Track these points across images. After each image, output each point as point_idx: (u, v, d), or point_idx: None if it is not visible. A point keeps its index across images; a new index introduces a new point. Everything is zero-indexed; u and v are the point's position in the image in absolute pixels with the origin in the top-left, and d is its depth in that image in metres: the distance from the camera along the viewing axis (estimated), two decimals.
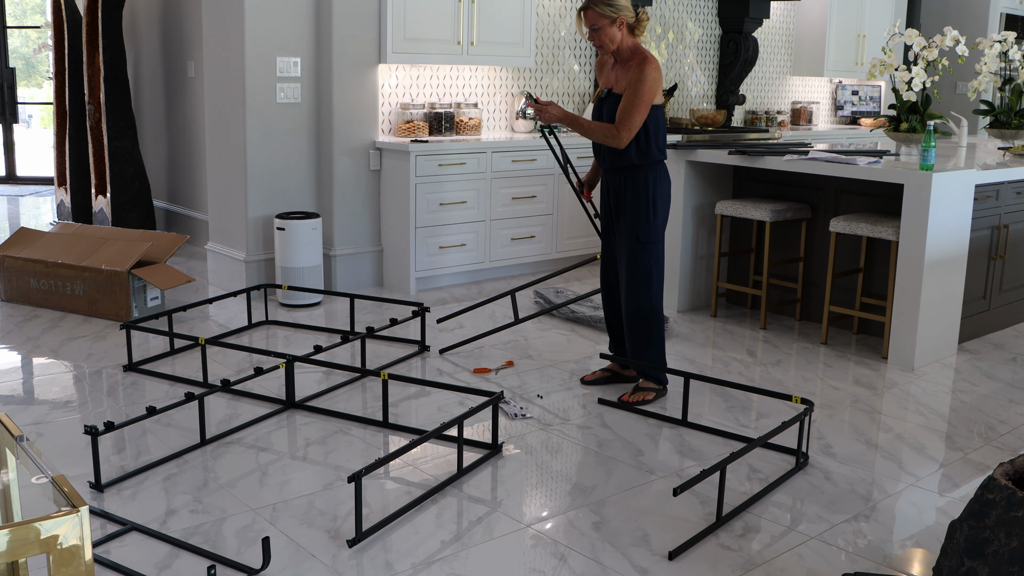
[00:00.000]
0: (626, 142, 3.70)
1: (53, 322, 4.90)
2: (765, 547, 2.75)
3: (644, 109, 3.67)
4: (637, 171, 3.80)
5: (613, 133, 3.70)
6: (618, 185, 3.87)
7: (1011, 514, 1.96)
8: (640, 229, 3.82)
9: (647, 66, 3.68)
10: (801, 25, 8.51)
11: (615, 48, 3.76)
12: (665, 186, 3.84)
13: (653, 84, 3.67)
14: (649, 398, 3.90)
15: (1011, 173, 4.76)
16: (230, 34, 5.37)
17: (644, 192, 3.80)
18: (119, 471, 3.14)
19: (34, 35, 11.67)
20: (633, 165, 3.79)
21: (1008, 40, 5.70)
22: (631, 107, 3.66)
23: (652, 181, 3.80)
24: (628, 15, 3.72)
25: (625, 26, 3.73)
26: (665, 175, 3.85)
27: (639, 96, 3.66)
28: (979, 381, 4.31)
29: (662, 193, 3.83)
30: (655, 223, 3.82)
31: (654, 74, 3.67)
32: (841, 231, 4.64)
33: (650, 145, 3.76)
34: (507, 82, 6.53)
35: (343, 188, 5.62)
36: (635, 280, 3.86)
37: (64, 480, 1.48)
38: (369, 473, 2.74)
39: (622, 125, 3.67)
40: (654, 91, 3.68)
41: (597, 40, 3.74)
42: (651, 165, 3.80)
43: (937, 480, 3.25)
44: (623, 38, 3.75)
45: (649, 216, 3.81)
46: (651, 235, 3.82)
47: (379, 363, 4.33)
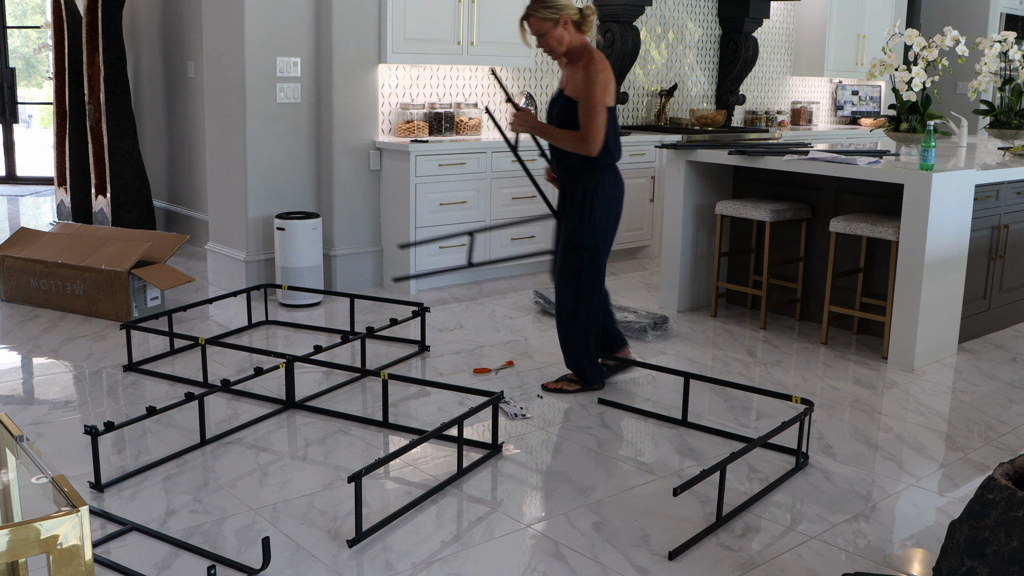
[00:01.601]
0: (596, 148, 3.64)
1: (53, 322, 4.90)
2: (765, 547, 2.75)
3: (601, 111, 3.61)
4: (580, 174, 3.76)
5: (581, 142, 3.64)
6: (565, 186, 3.85)
7: (1011, 514, 1.96)
8: (572, 232, 3.79)
9: (594, 68, 3.61)
10: (801, 25, 8.51)
11: (565, 50, 3.70)
12: (609, 190, 3.77)
13: (605, 86, 3.61)
14: (569, 389, 3.95)
15: (1011, 173, 4.76)
16: (230, 34, 5.37)
17: (583, 195, 3.75)
18: (119, 471, 3.14)
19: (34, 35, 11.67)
20: (575, 168, 3.75)
21: (1008, 40, 5.70)
22: (588, 113, 3.61)
23: (594, 185, 3.74)
24: (571, 13, 3.65)
25: (571, 25, 3.66)
26: (611, 179, 3.78)
27: (593, 100, 3.60)
28: (979, 381, 4.31)
29: (604, 197, 3.76)
30: (589, 227, 3.76)
31: (604, 75, 3.61)
32: (841, 231, 4.64)
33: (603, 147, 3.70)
34: (507, 82, 6.53)
35: (343, 188, 5.62)
36: (563, 281, 3.85)
37: (64, 480, 1.48)
38: (369, 473, 2.74)
39: (587, 132, 3.62)
40: (606, 92, 3.63)
41: (546, 46, 3.68)
42: (594, 169, 3.74)
43: (937, 480, 3.25)
44: (571, 38, 3.68)
45: (583, 219, 3.76)
46: (582, 239, 3.77)
47: (379, 363, 4.33)
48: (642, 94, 7.45)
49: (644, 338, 4.80)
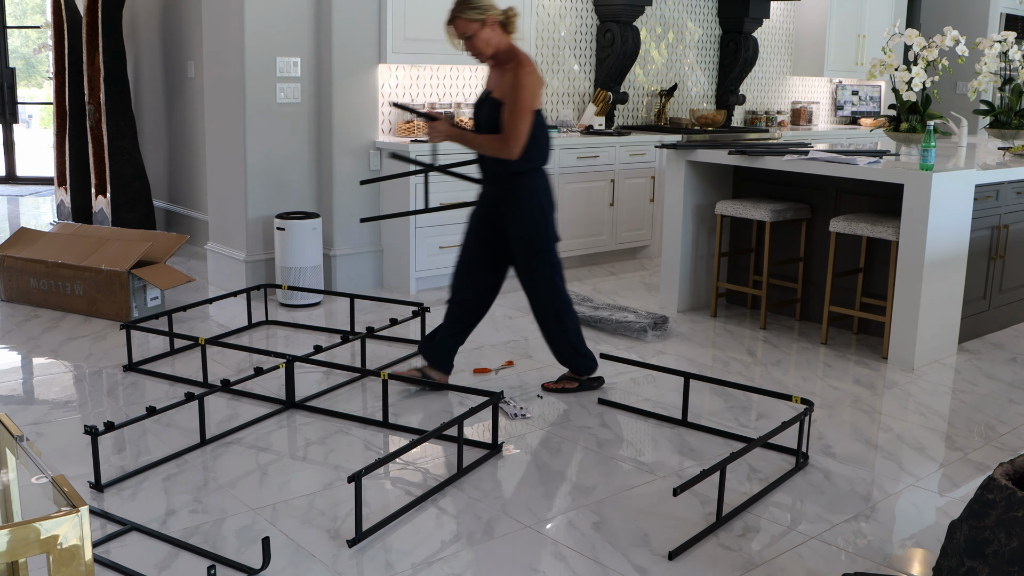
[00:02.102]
0: (518, 153, 3.57)
1: (53, 322, 4.90)
2: (765, 547, 2.75)
3: (528, 116, 3.55)
4: (519, 178, 3.69)
5: (502, 145, 3.57)
6: (499, 195, 3.75)
7: (1011, 514, 1.96)
8: (532, 239, 3.74)
9: (522, 71, 3.55)
10: (801, 25, 8.51)
11: (492, 52, 3.64)
12: (549, 194, 3.76)
13: (532, 89, 3.55)
14: (570, 387, 3.99)
15: (1011, 173, 4.76)
16: (230, 34, 5.37)
17: (528, 200, 3.70)
18: (119, 471, 3.14)
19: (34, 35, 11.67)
20: (515, 172, 3.68)
21: (1008, 40, 5.70)
22: (514, 116, 3.54)
23: (535, 187, 3.70)
24: (496, 13, 3.60)
25: (497, 26, 3.61)
26: (547, 183, 3.76)
27: (519, 104, 3.53)
28: (979, 381, 4.31)
29: (548, 200, 3.75)
30: (546, 230, 3.75)
31: (530, 79, 3.55)
32: (841, 231, 4.64)
33: (530, 151, 3.64)
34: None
35: (343, 188, 5.61)
36: (538, 292, 3.82)
37: (64, 480, 1.48)
38: (369, 473, 2.74)
39: (510, 136, 3.55)
40: (534, 96, 3.57)
41: (473, 49, 3.62)
42: (534, 172, 3.71)
43: (937, 480, 3.25)
44: (498, 39, 3.62)
45: (539, 224, 3.72)
46: (542, 243, 3.75)
47: (379, 363, 4.33)
48: (642, 94, 7.45)
49: (644, 338, 4.80)
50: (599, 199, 6.49)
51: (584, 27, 6.92)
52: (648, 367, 3.98)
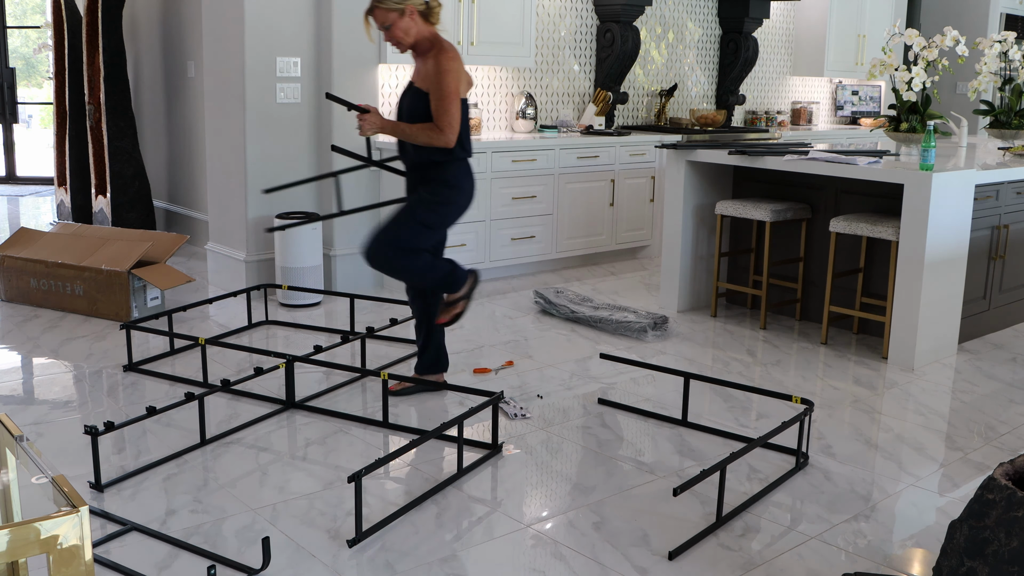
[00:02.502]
0: (454, 138, 3.51)
1: (53, 322, 4.90)
2: (765, 547, 2.75)
3: (455, 100, 3.50)
4: (438, 167, 3.64)
5: (437, 133, 3.51)
6: (418, 180, 3.71)
7: (1011, 514, 1.96)
8: (423, 212, 3.64)
9: (443, 57, 3.50)
10: (801, 25, 8.51)
11: (412, 41, 3.57)
12: (468, 186, 3.69)
13: (455, 74, 3.49)
14: (459, 309, 3.84)
15: (1011, 173, 4.76)
16: (230, 34, 5.37)
17: (442, 184, 3.64)
18: (119, 471, 3.14)
19: (34, 35, 11.67)
20: (435, 162, 3.62)
21: (1008, 40, 5.70)
22: (441, 102, 3.48)
23: (453, 176, 3.64)
24: (417, 3, 3.52)
25: (417, 15, 3.53)
26: (468, 173, 3.69)
27: (444, 89, 3.48)
28: (979, 381, 4.31)
29: (460, 190, 3.67)
30: (443, 215, 3.67)
31: (452, 64, 3.49)
32: (841, 231, 4.64)
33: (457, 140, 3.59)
34: (507, 82, 6.53)
35: (343, 188, 5.60)
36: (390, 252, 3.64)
37: (64, 480, 1.48)
38: (369, 473, 2.74)
39: (442, 123, 3.50)
40: (457, 80, 3.51)
41: (392, 39, 3.55)
42: (454, 162, 3.64)
43: (937, 480, 3.25)
44: (418, 29, 3.55)
45: (439, 202, 3.64)
46: (429, 218, 3.65)
47: (379, 363, 4.33)
48: (642, 94, 7.45)
49: (644, 338, 4.80)
50: (599, 199, 6.49)
51: (584, 27, 6.92)
52: (648, 367, 3.98)
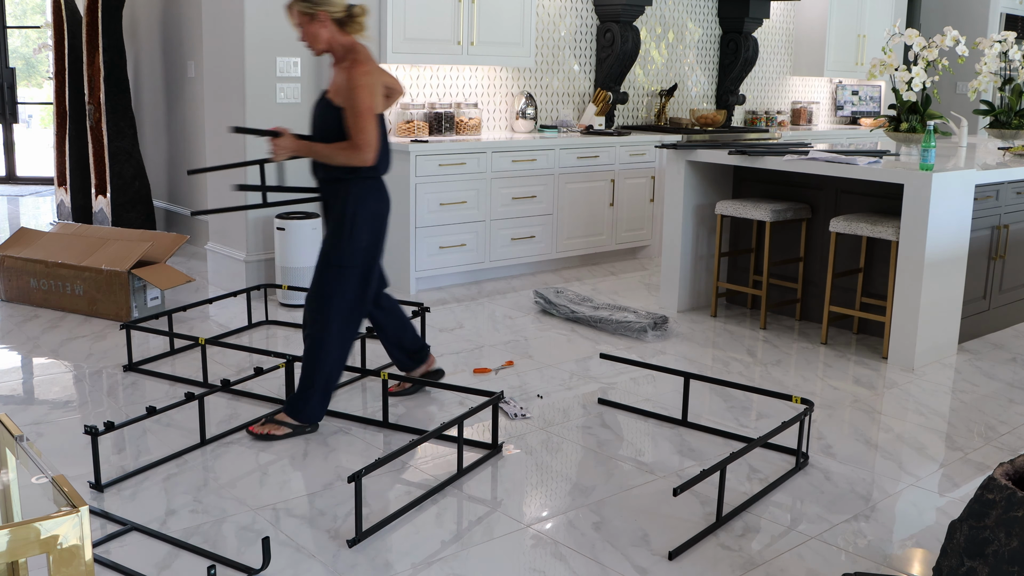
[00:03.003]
0: (372, 156, 3.29)
1: (53, 322, 4.90)
2: (765, 547, 2.75)
3: (370, 116, 3.28)
4: (341, 185, 3.42)
5: (354, 152, 3.29)
6: (327, 197, 3.51)
7: (1011, 514, 1.96)
8: (331, 249, 3.43)
9: (356, 71, 3.28)
10: (801, 25, 8.51)
11: (326, 48, 3.37)
12: (373, 206, 3.43)
13: (369, 89, 3.28)
14: (277, 433, 3.44)
15: (1011, 173, 4.76)
16: (230, 34, 5.37)
17: (343, 209, 3.41)
18: (119, 471, 3.14)
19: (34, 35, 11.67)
20: (338, 178, 3.42)
21: (1008, 40, 5.70)
22: (356, 120, 3.27)
23: (355, 199, 3.40)
24: (333, 10, 3.31)
25: (331, 23, 3.32)
26: (375, 192, 3.45)
27: (359, 106, 3.26)
28: (979, 381, 4.31)
29: (367, 214, 3.42)
30: (350, 246, 3.41)
31: (365, 79, 3.27)
32: (841, 231, 4.64)
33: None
34: (507, 82, 6.53)
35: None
36: (319, 307, 3.43)
37: (64, 480, 1.48)
38: (369, 473, 2.74)
39: (359, 141, 3.28)
40: (374, 96, 3.30)
41: (303, 40, 3.39)
42: (356, 180, 3.41)
43: (937, 480, 3.25)
44: (332, 37, 3.34)
45: (343, 237, 3.41)
46: (342, 258, 3.41)
47: (379, 363, 4.33)
48: (642, 94, 7.45)
49: (644, 338, 4.80)
50: (599, 199, 6.49)
51: (584, 27, 6.92)
52: (648, 367, 3.98)
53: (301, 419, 3.47)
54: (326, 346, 3.43)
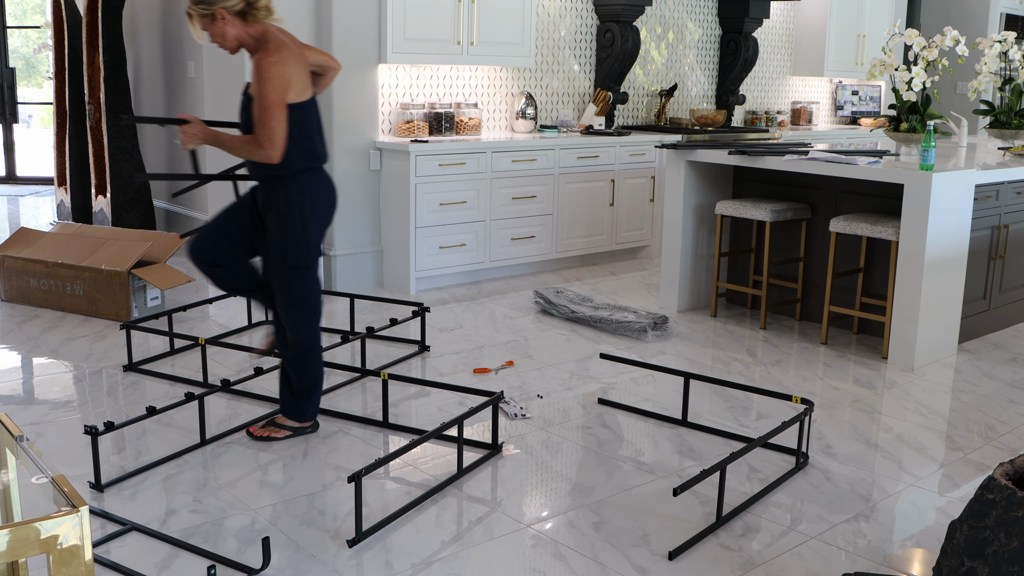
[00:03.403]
0: (276, 154, 3.09)
1: (53, 322, 4.90)
2: (765, 547, 2.75)
3: (277, 111, 3.07)
4: (279, 182, 3.24)
5: (256, 148, 3.10)
6: (264, 196, 3.31)
7: (1011, 514, 1.96)
8: (287, 252, 3.27)
9: (266, 62, 3.09)
10: (801, 25, 8.51)
11: (236, 44, 3.20)
12: (318, 198, 3.28)
13: (278, 80, 3.08)
14: (279, 436, 3.44)
15: (1011, 173, 4.76)
16: None
17: (288, 207, 3.23)
18: (119, 471, 3.14)
19: (34, 35, 11.67)
20: (274, 176, 3.24)
21: (1008, 40, 5.70)
22: (261, 113, 3.07)
23: (297, 193, 3.23)
24: (228, 5, 3.12)
25: (231, 18, 3.13)
26: (317, 185, 3.29)
27: (265, 99, 3.06)
28: (979, 381, 4.31)
29: (313, 207, 3.27)
30: (304, 243, 3.27)
31: (277, 68, 3.08)
32: (841, 231, 4.64)
33: (289, 151, 3.17)
34: (507, 82, 6.53)
35: (343, 188, 5.61)
36: (292, 311, 3.35)
37: (64, 480, 1.48)
38: (369, 473, 2.74)
39: (261, 136, 3.08)
40: (284, 87, 3.09)
41: (213, 40, 3.22)
42: (295, 175, 3.23)
43: (937, 480, 3.25)
44: (239, 31, 3.16)
45: (296, 236, 3.25)
46: (300, 257, 3.29)
47: (379, 363, 4.33)
48: (642, 94, 7.45)
49: (644, 338, 4.80)
50: (599, 199, 6.49)
51: (584, 27, 6.92)
52: (648, 367, 3.98)
53: (302, 420, 3.48)
54: (311, 346, 3.42)
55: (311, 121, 3.25)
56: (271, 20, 3.22)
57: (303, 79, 3.19)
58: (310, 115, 3.24)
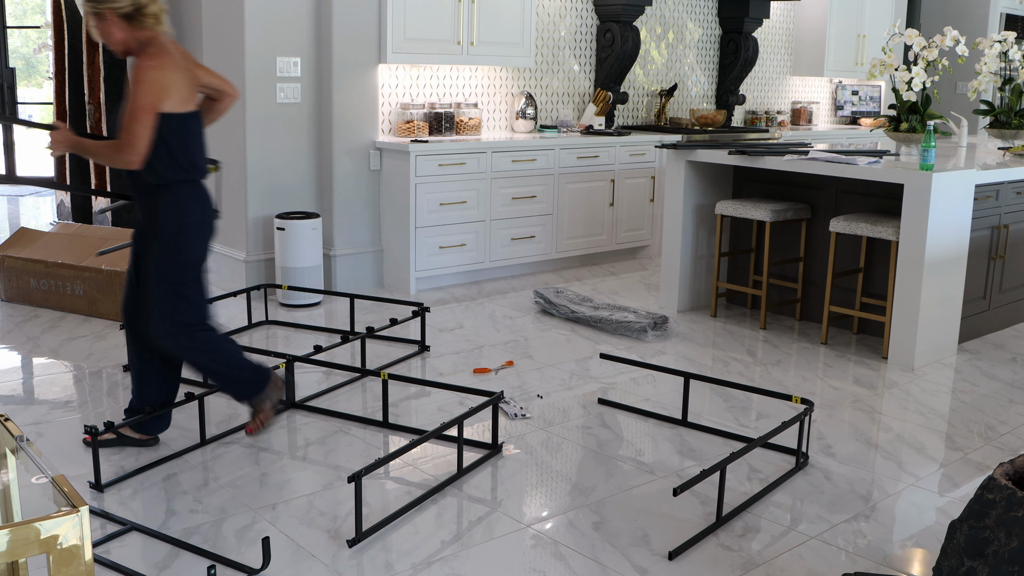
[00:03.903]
0: (138, 161, 2.95)
1: (53, 322, 4.90)
2: (765, 547, 2.75)
3: (144, 116, 2.93)
4: (155, 194, 3.10)
5: (116, 153, 2.96)
6: (142, 213, 3.17)
7: (1011, 514, 1.96)
8: (163, 266, 3.12)
9: (144, 63, 2.97)
10: (801, 25, 8.51)
11: (122, 46, 3.09)
12: (198, 214, 3.15)
13: (155, 85, 2.95)
14: (266, 417, 3.37)
15: (1011, 173, 4.76)
16: (230, 34, 5.37)
17: (167, 222, 3.10)
18: (119, 471, 3.14)
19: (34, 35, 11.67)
20: (149, 186, 3.10)
21: (1008, 40, 5.70)
22: (129, 117, 2.94)
23: (176, 206, 3.10)
24: (117, 6, 3.02)
25: (117, 20, 3.03)
26: (196, 199, 3.15)
27: (134, 102, 2.93)
28: (979, 381, 4.31)
29: (194, 224, 3.13)
30: (187, 260, 3.14)
31: (153, 73, 2.96)
32: (841, 231, 4.64)
33: (162, 162, 3.04)
34: (507, 82, 6.53)
35: (343, 188, 5.62)
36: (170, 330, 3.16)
37: (64, 480, 1.48)
38: (369, 473, 2.74)
39: (124, 142, 2.94)
40: (158, 93, 2.96)
41: (100, 39, 3.12)
42: (171, 188, 3.09)
43: (937, 480, 3.25)
44: (125, 35, 3.06)
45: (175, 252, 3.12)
46: (180, 274, 3.13)
47: (379, 363, 4.33)
48: (642, 94, 7.45)
49: (644, 338, 4.80)
50: (599, 199, 6.49)
51: (584, 27, 6.92)
52: (648, 367, 3.98)
53: (260, 390, 3.30)
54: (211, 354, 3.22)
55: (191, 133, 3.12)
56: (160, 30, 3.13)
57: (184, 90, 3.08)
58: (190, 127, 3.12)
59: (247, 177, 5.40)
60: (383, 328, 4.51)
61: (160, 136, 3.01)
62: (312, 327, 4.90)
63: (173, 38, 3.20)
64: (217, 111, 3.37)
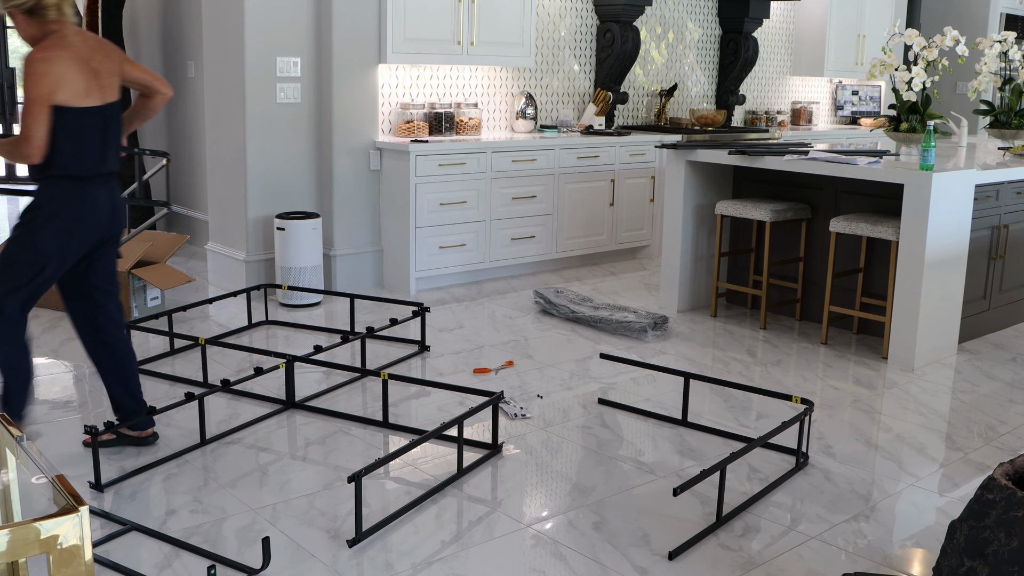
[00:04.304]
0: (37, 155, 2.89)
1: (53, 322, 4.90)
2: (765, 547, 2.75)
3: (36, 109, 2.87)
4: (38, 188, 3.04)
5: (13, 148, 2.93)
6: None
7: (1011, 514, 1.96)
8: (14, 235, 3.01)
9: (32, 55, 2.90)
10: (801, 25, 8.51)
11: (31, 41, 3.04)
12: (72, 208, 3.02)
13: (42, 77, 2.88)
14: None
15: (1011, 173, 4.76)
16: (230, 34, 5.37)
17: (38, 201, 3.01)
18: (119, 471, 3.14)
19: None
20: (35, 179, 3.04)
21: (1008, 40, 5.70)
22: (24, 112, 2.89)
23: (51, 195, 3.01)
24: (19, 4, 2.97)
25: (22, 16, 2.99)
26: (77, 196, 3.03)
27: (26, 95, 2.88)
28: (979, 381, 4.31)
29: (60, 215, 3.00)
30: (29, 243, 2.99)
31: (40, 65, 2.88)
32: (841, 231, 4.64)
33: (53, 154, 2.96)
34: (507, 82, 6.53)
35: (343, 188, 5.62)
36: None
37: (64, 480, 1.48)
38: (369, 473, 2.74)
39: (20, 135, 2.89)
40: (47, 85, 2.89)
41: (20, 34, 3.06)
42: (47, 180, 3.01)
43: (937, 480, 3.25)
44: (33, 30, 3.01)
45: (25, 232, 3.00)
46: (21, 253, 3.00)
47: (379, 363, 4.33)
48: (642, 94, 7.45)
49: (644, 338, 4.80)
50: (599, 199, 6.49)
51: (584, 27, 6.92)
52: (648, 367, 3.98)
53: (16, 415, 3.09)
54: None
55: (84, 128, 3.01)
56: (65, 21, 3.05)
57: (80, 83, 2.99)
58: (85, 122, 3.01)
59: (247, 177, 5.40)
60: (383, 328, 4.51)
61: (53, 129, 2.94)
62: (312, 327, 4.90)
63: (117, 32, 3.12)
64: (150, 108, 3.34)
